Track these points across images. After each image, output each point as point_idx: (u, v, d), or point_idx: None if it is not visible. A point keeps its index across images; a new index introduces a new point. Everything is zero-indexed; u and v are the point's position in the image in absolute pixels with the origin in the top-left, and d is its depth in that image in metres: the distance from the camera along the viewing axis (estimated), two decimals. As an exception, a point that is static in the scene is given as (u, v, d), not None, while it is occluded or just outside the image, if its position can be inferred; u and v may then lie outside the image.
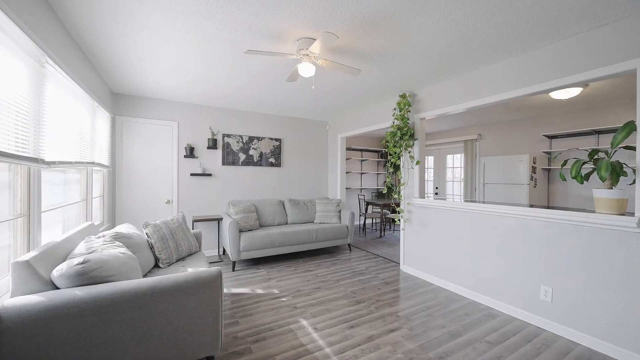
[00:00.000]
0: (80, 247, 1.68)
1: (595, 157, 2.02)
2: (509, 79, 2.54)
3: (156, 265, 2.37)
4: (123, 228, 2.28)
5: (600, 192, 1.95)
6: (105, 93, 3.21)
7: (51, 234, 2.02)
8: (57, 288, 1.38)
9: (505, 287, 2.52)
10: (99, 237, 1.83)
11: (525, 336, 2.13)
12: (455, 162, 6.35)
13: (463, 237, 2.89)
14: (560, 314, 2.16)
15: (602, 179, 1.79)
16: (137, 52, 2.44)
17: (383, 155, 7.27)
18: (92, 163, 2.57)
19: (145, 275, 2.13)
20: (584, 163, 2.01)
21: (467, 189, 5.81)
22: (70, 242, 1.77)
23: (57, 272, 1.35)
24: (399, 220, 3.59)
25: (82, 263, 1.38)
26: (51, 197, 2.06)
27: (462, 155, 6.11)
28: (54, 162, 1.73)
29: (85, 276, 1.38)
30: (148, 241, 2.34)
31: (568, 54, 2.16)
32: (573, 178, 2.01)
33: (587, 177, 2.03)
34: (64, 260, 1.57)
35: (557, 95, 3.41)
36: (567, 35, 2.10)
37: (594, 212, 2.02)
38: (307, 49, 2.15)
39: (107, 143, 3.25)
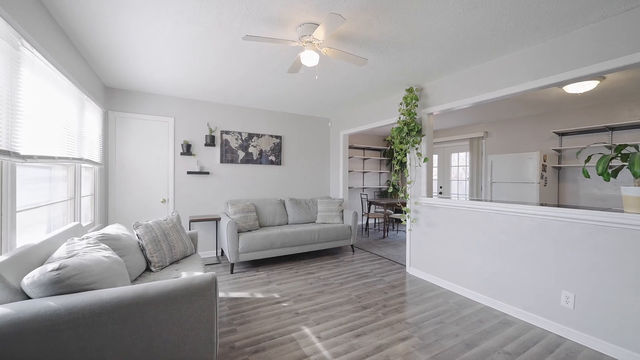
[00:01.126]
0: (61, 251, 1.51)
1: (623, 151, 1.85)
2: (526, 70, 2.37)
3: (148, 269, 2.20)
4: (111, 229, 2.11)
5: (631, 190, 1.78)
6: (97, 86, 3.05)
7: (32, 235, 1.86)
8: (29, 298, 1.22)
9: (521, 292, 2.36)
10: (83, 239, 1.67)
11: (546, 346, 1.97)
12: (460, 160, 6.19)
13: (475, 238, 2.72)
14: (583, 322, 2.00)
15: (636, 175, 1.63)
16: (129, 40, 2.28)
17: (385, 153, 7.11)
18: (80, 159, 2.41)
19: (135, 280, 1.97)
20: (612, 158, 1.84)
21: (472, 188, 5.65)
22: (51, 245, 1.60)
23: (28, 279, 1.19)
24: (405, 220, 3.43)
25: (57, 269, 1.22)
26: (34, 195, 1.90)
27: (468, 153, 5.95)
28: (31, 157, 1.57)
29: (61, 284, 1.22)
30: (139, 243, 2.18)
31: (595, 40, 1.99)
32: (600, 175, 1.84)
33: (614, 173, 1.87)
34: (41, 266, 1.41)
35: (571, 89, 3.24)
36: (595, 19, 1.94)
37: (622, 211, 1.86)
38: (310, 35, 1.98)
39: (99, 139, 3.09)
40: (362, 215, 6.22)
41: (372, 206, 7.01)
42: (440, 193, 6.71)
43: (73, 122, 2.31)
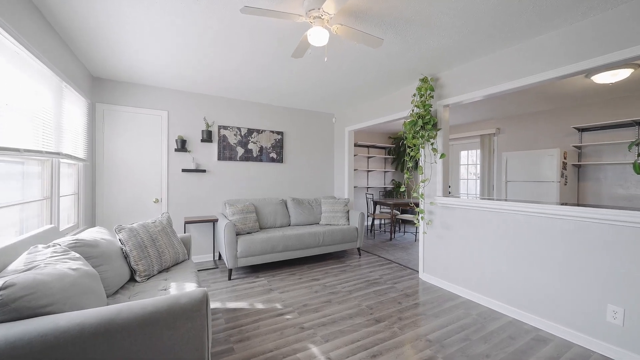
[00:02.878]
0: (18, 262, 1.24)
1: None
2: (561, 53, 2.10)
3: (132, 279, 1.93)
4: (90, 233, 1.84)
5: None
6: (82, 75, 2.77)
7: (-7, 241, 1.58)
8: (-37, 326, 0.94)
9: (556, 304, 2.08)
10: (49, 246, 1.40)
11: (593, 370, 1.69)
12: (470, 158, 5.91)
13: (498, 243, 2.45)
14: (635, 341, 1.73)
15: None
16: (114, 23, 2.00)
17: (391, 151, 6.84)
18: (58, 154, 2.14)
19: (115, 294, 1.70)
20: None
21: (483, 187, 5.38)
22: (7, 255, 1.33)
23: (-41, 304, 0.92)
24: (418, 222, 3.15)
25: (0, 289, 0.95)
26: (1, 195, 1.63)
27: (478, 151, 5.68)
28: (-19, 147, 1.29)
29: (5, 308, 0.94)
30: (122, 249, 1.91)
31: (647, 15, 1.72)
32: (659, 170, 1.57)
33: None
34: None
35: (601, 79, 2.97)
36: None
37: (686, 213, 1.59)
38: (319, 8, 1.71)
39: (84, 133, 2.82)
40: (367, 216, 5.95)
41: (378, 206, 6.74)
42: (449, 192, 6.44)
43: (49, 112, 2.04)
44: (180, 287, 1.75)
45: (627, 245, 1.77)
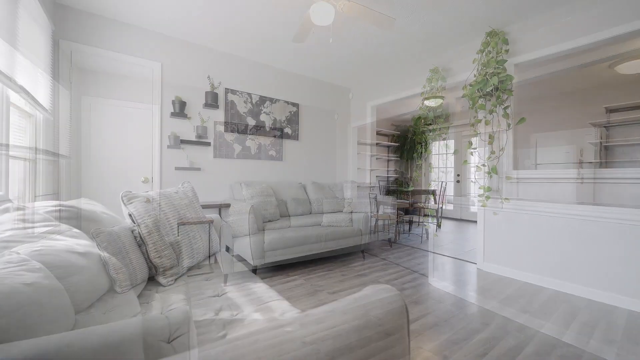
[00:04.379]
0: None
1: None
2: None
3: (113, 289, 1.24)
4: (62, 237, 1.12)
5: None
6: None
7: None
8: None
9: None
10: (4, 255, 0.67)
11: None
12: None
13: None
14: None
15: None
16: None
17: (396, 150, 6.38)
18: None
19: (90, 307, 1.02)
20: None
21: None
22: None
23: None
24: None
25: None
26: None
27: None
28: None
29: None
30: (101, 255, 1.22)
31: None
32: None
33: None
34: None
35: (625, 69, 2.59)
36: None
37: None
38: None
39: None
40: (371, 217, 5.35)
41: (381, 207, 6.25)
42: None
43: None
44: (165, 300, 1.16)
45: None
